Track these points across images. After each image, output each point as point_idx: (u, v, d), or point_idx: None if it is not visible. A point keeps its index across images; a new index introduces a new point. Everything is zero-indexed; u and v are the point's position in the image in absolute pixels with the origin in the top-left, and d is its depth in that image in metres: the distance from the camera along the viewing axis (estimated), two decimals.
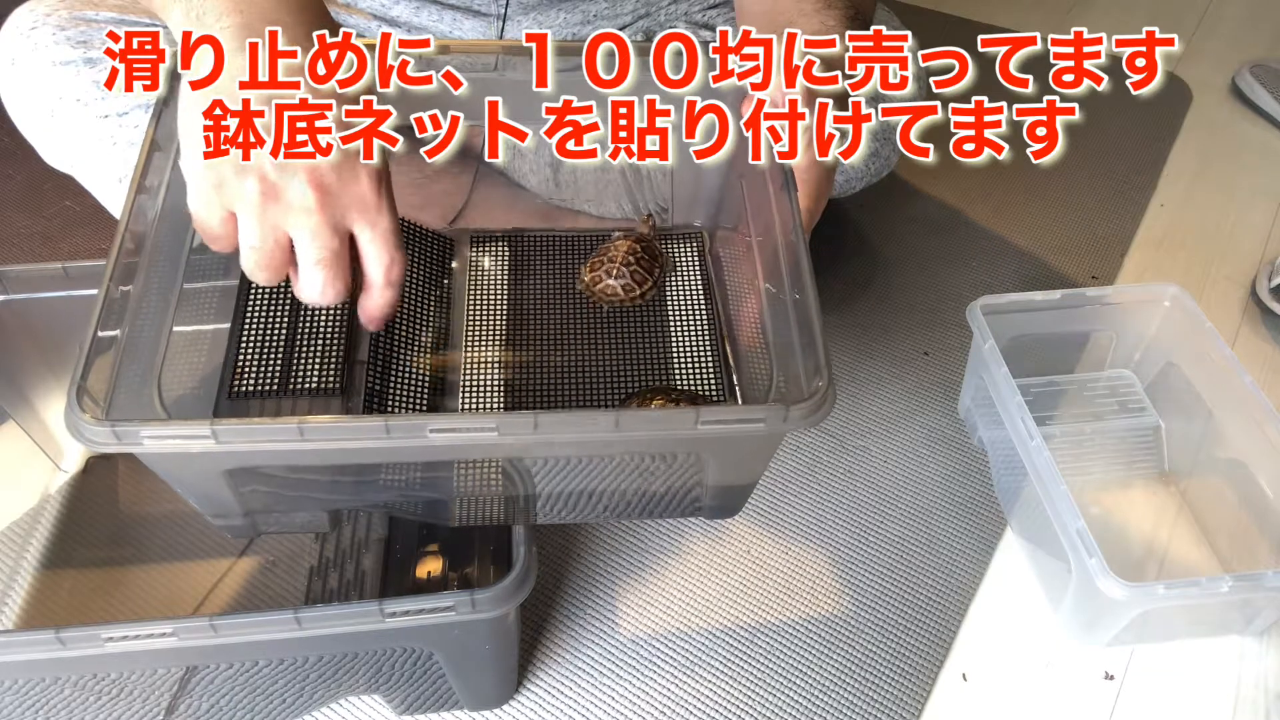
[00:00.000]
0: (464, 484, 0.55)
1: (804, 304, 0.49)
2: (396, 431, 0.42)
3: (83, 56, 0.72)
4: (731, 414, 0.45)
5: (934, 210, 1.13)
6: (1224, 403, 0.77)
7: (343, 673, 0.59)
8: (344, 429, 0.43)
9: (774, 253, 0.55)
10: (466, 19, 0.82)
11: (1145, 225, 1.13)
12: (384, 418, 0.42)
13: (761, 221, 0.57)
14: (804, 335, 0.48)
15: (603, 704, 0.68)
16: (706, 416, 0.44)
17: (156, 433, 0.41)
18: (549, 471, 0.53)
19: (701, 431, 0.44)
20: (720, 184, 0.68)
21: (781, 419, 0.44)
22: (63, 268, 0.68)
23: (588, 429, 0.44)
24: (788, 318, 0.51)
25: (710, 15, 0.85)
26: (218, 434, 0.41)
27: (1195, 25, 1.51)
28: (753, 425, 0.44)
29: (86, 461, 0.80)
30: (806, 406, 0.44)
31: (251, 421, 0.42)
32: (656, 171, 0.74)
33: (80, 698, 0.56)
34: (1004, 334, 0.80)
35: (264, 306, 0.61)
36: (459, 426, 0.43)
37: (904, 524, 0.80)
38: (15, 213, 1.05)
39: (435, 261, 0.69)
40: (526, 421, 0.43)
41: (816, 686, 0.69)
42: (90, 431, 0.41)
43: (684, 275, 0.70)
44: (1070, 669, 0.71)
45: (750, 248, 0.59)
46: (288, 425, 0.41)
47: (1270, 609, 0.70)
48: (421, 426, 0.43)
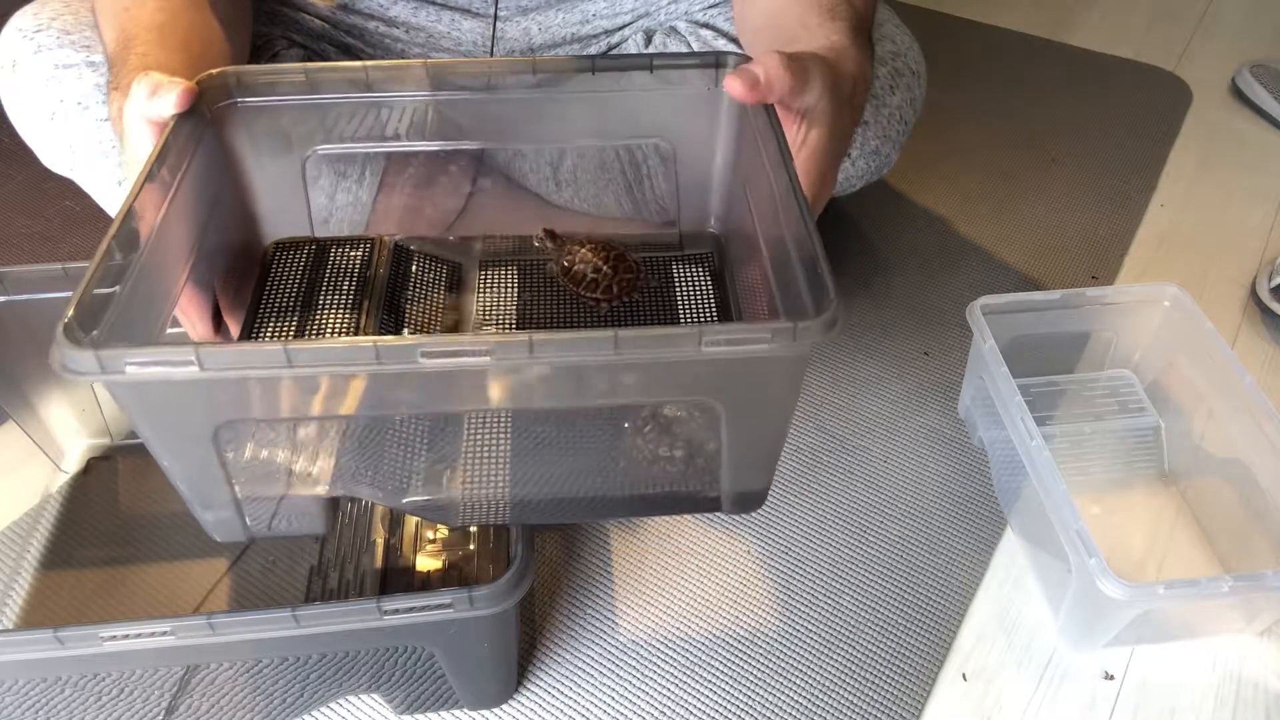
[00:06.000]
0: (465, 466, 0.53)
1: (801, 232, 0.48)
2: (386, 355, 0.41)
3: (85, 60, 0.72)
4: (738, 331, 0.43)
5: (934, 210, 1.13)
6: (1224, 403, 0.77)
7: (342, 672, 0.59)
8: (332, 351, 0.42)
9: (771, 205, 0.53)
10: (465, 19, 0.82)
11: (1145, 225, 1.13)
12: (373, 340, 0.41)
13: (767, 225, 0.57)
14: (805, 265, 0.47)
15: (603, 704, 0.68)
16: (711, 335, 0.42)
17: (141, 358, 0.40)
18: (552, 442, 0.52)
19: (707, 353, 0.42)
20: (725, 187, 0.68)
21: (790, 337, 0.42)
22: (63, 268, 0.68)
23: (585, 351, 0.42)
24: (790, 261, 0.49)
25: (710, 14, 0.85)
26: (201, 358, 0.40)
27: (1195, 25, 1.51)
28: (759, 345, 0.43)
29: (86, 461, 0.80)
30: (816, 323, 0.42)
31: (237, 345, 0.41)
32: (657, 170, 0.74)
33: (80, 698, 0.56)
34: (1004, 334, 0.80)
35: (276, 301, 0.61)
36: (451, 349, 0.42)
37: (904, 524, 0.80)
38: (15, 213, 1.05)
39: (445, 283, 0.68)
40: (522, 343, 0.41)
41: (816, 687, 0.69)
42: (72, 358, 0.40)
43: (693, 288, 0.69)
44: (1070, 669, 0.71)
45: (759, 249, 0.58)
46: (274, 348, 0.41)
47: (1270, 609, 0.70)
48: (413, 349, 0.41)
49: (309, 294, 0.62)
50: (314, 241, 0.65)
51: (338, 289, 0.63)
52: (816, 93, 0.55)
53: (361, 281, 0.63)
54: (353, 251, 0.65)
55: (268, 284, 0.62)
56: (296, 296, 0.62)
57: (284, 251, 0.64)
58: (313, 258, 0.64)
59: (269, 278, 0.63)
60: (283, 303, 0.61)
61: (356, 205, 0.78)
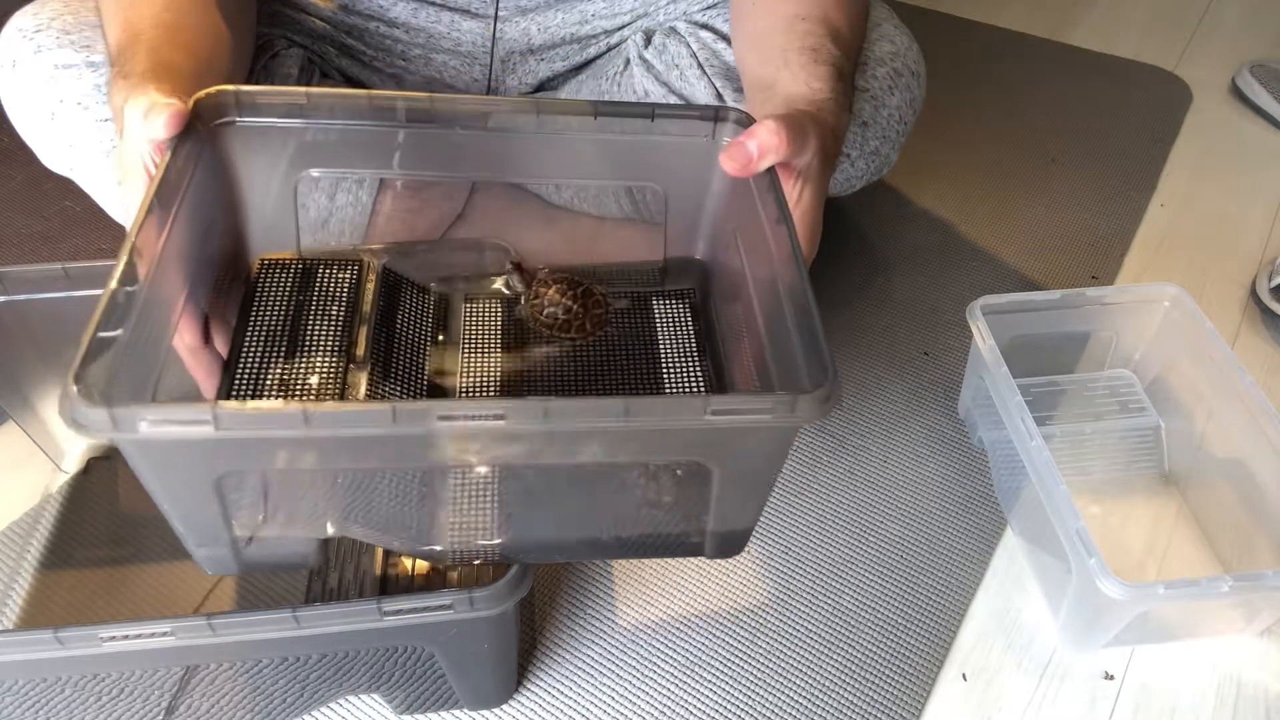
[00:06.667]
0: (457, 512, 0.54)
1: (802, 300, 0.49)
2: (404, 418, 0.42)
3: (85, 60, 0.72)
4: (741, 402, 0.45)
5: (934, 210, 1.13)
6: (1224, 403, 0.77)
7: (342, 672, 0.59)
8: (350, 415, 0.42)
9: (768, 263, 0.55)
10: (465, 20, 0.82)
11: (1145, 225, 1.13)
12: (390, 404, 0.42)
13: (762, 282, 0.57)
14: (804, 335, 0.48)
15: (603, 704, 0.68)
16: (716, 405, 0.44)
17: (155, 416, 0.41)
18: (545, 494, 0.53)
19: (710, 421, 0.44)
20: (714, 224, 0.68)
21: (789, 409, 0.44)
22: (63, 268, 0.68)
23: (597, 417, 0.44)
24: (785, 322, 0.51)
25: (709, 15, 0.85)
26: (218, 419, 0.41)
27: (1195, 25, 1.51)
28: (760, 415, 0.45)
29: (86, 461, 0.80)
30: (814, 397, 0.44)
31: (254, 405, 0.42)
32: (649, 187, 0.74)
33: (80, 698, 0.56)
34: (1004, 334, 0.80)
35: (266, 321, 0.61)
36: (467, 413, 0.43)
37: (904, 524, 0.80)
38: (15, 213, 1.05)
39: (430, 317, 0.68)
40: (536, 409, 0.43)
41: (816, 686, 0.69)
42: (85, 416, 0.40)
43: (674, 326, 0.70)
44: (1070, 669, 0.71)
45: (749, 297, 0.59)
46: (293, 410, 0.41)
47: (1270, 609, 0.70)
48: (429, 413, 0.42)
49: (297, 317, 0.62)
50: (301, 261, 0.65)
51: (325, 314, 0.62)
52: (811, 152, 0.58)
53: (350, 306, 0.63)
54: (340, 273, 0.65)
55: (255, 302, 0.62)
56: (284, 319, 0.61)
57: (272, 270, 0.64)
58: (299, 277, 0.64)
59: (256, 295, 0.62)
60: (272, 324, 0.61)
61: (357, 205, 0.78)
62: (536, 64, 0.87)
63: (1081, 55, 1.42)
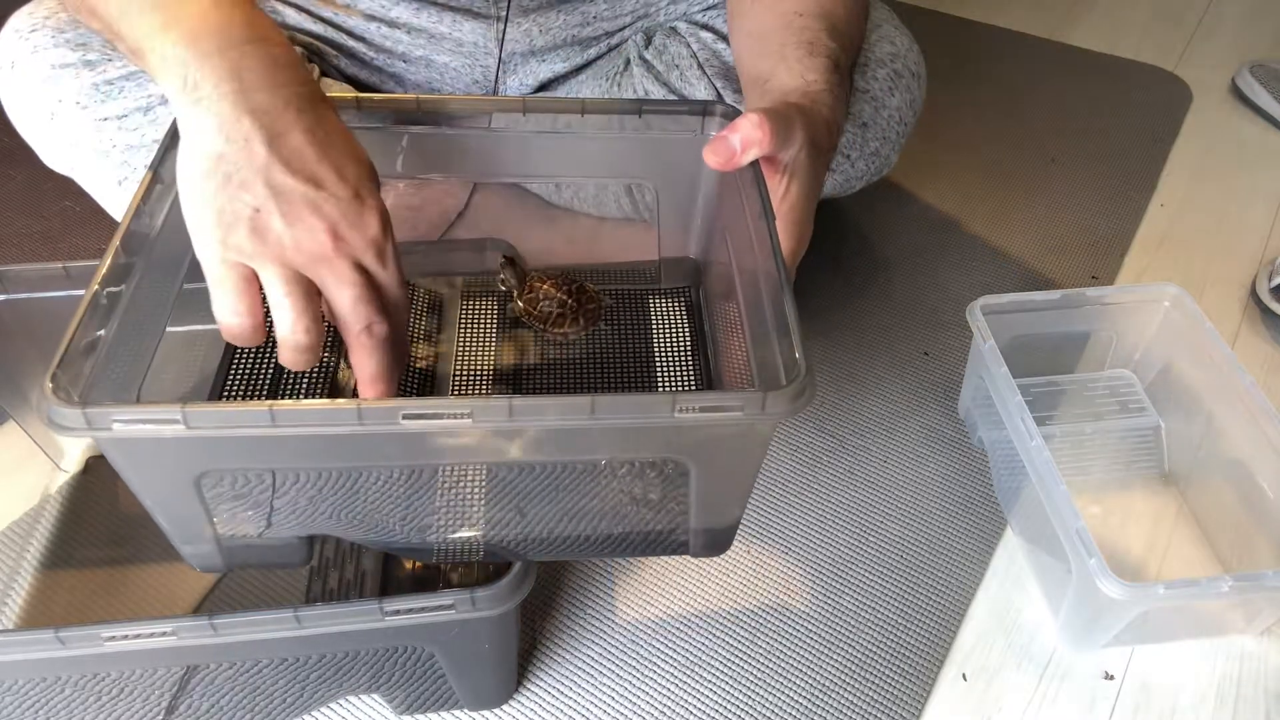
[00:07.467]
0: (441, 510, 0.54)
1: (777, 295, 0.49)
2: (369, 416, 0.42)
3: (81, 59, 0.72)
4: (710, 399, 0.44)
5: (934, 210, 1.13)
6: (1224, 403, 0.77)
7: (343, 672, 0.59)
8: (316, 413, 0.43)
9: (753, 259, 0.54)
10: (467, 20, 0.82)
11: (1145, 225, 1.13)
12: (356, 402, 0.42)
13: (747, 280, 0.57)
14: (780, 330, 0.48)
15: (603, 704, 0.68)
16: (684, 403, 0.44)
17: (127, 416, 0.41)
18: (527, 492, 0.53)
19: (679, 419, 0.44)
20: (707, 222, 0.68)
21: (760, 406, 0.44)
22: (63, 268, 0.68)
23: (563, 414, 0.44)
24: (765, 317, 0.51)
25: (709, 16, 0.85)
26: (188, 417, 0.41)
27: (1195, 25, 1.51)
28: (731, 413, 0.44)
29: (86, 461, 0.80)
30: (784, 394, 0.44)
31: (221, 405, 0.42)
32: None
33: (80, 698, 0.56)
34: (1004, 334, 0.80)
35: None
36: (432, 411, 0.43)
37: (904, 524, 0.80)
38: (15, 213, 1.05)
39: (425, 315, 0.69)
40: (501, 406, 0.43)
41: (816, 686, 0.69)
42: (60, 415, 0.41)
43: (669, 324, 0.70)
44: (1070, 669, 0.71)
45: (736, 296, 0.59)
46: (259, 409, 0.42)
47: (1270, 609, 0.70)
48: (395, 411, 0.42)
49: None
50: None
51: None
52: (798, 145, 0.56)
53: None
54: None
55: None
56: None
57: None
58: None
59: None
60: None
61: None
62: (537, 64, 0.87)
63: (1081, 55, 1.42)
